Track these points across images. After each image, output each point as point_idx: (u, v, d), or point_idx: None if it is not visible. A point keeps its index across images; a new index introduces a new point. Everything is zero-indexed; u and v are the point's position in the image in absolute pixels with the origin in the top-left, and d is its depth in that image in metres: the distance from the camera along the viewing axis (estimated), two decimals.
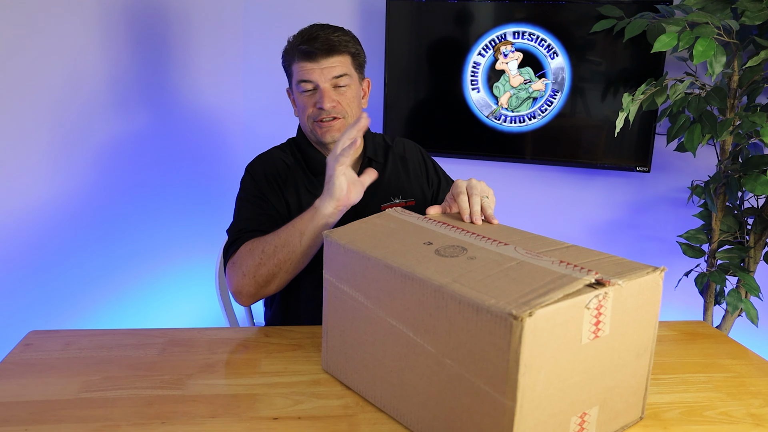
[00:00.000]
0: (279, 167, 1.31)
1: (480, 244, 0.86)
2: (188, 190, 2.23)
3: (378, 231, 0.93)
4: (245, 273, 1.14)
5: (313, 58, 1.22)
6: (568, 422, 0.75)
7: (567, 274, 0.74)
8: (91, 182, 1.79)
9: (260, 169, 1.31)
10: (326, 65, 1.23)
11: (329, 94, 1.24)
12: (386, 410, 0.87)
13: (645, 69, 2.01)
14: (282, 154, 1.35)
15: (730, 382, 0.99)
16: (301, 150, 1.34)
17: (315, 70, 1.23)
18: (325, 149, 1.32)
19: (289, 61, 1.28)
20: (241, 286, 1.15)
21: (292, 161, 1.33)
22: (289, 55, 1.27)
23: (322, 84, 1.24)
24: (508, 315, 0.66)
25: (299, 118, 1.32)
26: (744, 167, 1.66)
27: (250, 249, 1.15)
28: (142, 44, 1.95)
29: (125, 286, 1.97)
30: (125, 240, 1.95)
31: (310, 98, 1.26)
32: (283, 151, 1.35)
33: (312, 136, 1.31)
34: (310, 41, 1.22)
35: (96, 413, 0.85)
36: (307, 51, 1.22)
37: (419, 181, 1.41)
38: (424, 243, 0.87)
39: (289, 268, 1.12)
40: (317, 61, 1.23)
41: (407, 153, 1.43)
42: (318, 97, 1.24)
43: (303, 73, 1.24)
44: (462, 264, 0.79)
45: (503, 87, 2.15)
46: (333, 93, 1.25)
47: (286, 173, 1.30)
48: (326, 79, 1.24)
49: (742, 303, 1.79)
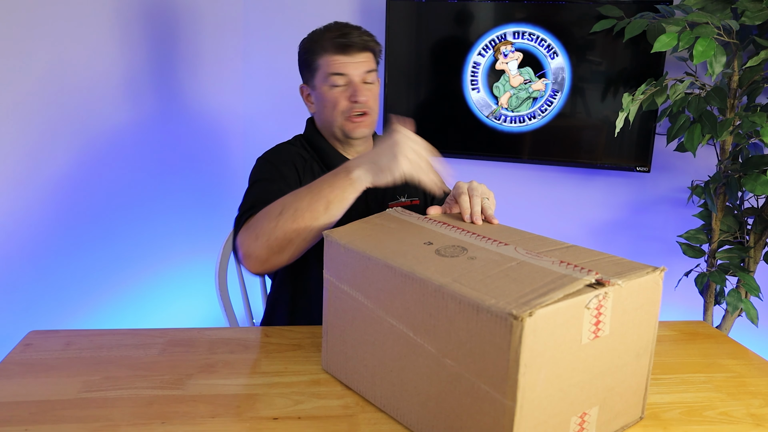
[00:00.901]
0: (296, 158, 1.30)
1: (480, 244, 0.86)
2: (188, 190, 2.23)
3: (378, 231, 0.93)
4: (258, 235, 1.03)
5: (348, 51, 1.24)
6: (568, 422, 0.75)
7: (567, 274, 0.74)
8: (92, 182, 1.79)
9: (277, 157, 1.28)
10: (360, 60, 1.25)
11: (362, 89, 1.26)
12: (386, 410, 0.87)
13: (645, 69, 2.01)
14: (294, 148, 1.33)
15: (730, 382, 0.99)
16: (314, 146, 1.33)
17: (350, 64, 1.24)
18: (344, 145, 1.32)
19: (317, 53, 1.26)
20: (252, 249, 1.04)
21: (306, 154, 1.32)
22: (317, 48, 1.26)
23: (355, 78, 1.25)
24: (508, 315, 0.66)
25: (322, 113, 1.30)
26: (744, 167, 1.66)
27: (267, 211, 1.04)
28: (142, 44, 1.95)
29: (125, 286, 1.97)
30: (125, 240, 1.95)
31: (342, 93, 1.26)
32: (294, 146, 1.34)
33: (338, 132, 1.29)
34: (345, 35, 1.23)
35: (96, 413, 0.85)
36: (344, 44, 1.23)
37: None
38: (424, 243, 0.87)
39: (308, 237, 1.01)
40: (352, 55, 1.24)
41: None
42: (351, 91, 1.25)
43: (336, 66, 1.24)
44: (462, 264, 0.79)
45: (503, 87, 2.15)
46: (364, 88, 1.26)
47: (303, 164, 1.30)
48: (359, 74, 1.25)
49: (742, 303, 1.79)
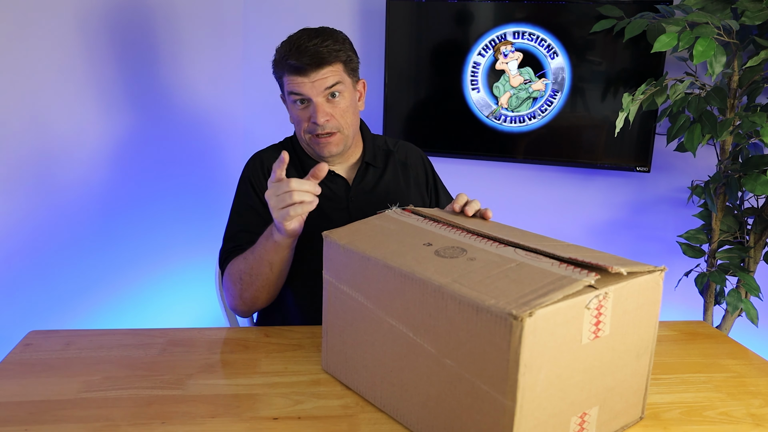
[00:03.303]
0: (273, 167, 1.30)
1: (480, 245, 0.86)
2: (188, 191, 2.23)
3: (377, 232, 0.93)
4: (234, 296, 1.21)
5: (303, 72, 1.18)
6: (568, 422, 0.75)
7: (567, 275, 0.74)
8: (92, 182, 1.79)
9: (252, 173, 1.30)
10: (317, 78, 1.18)
11: (322, 108, 1.20)
12: (386, 410, 0.87)
13: (645, 69, 2.01)
14: (277, 152, 1.32)
15: (730, 382, 0.99)
16: (297, 153, 1.33)
17: (306, 84, 1.19)
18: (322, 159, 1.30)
19: (279, 73, 1.24)
20: (234, 306, 1.24)
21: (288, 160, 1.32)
22: (279, 68, 1.23)
23: (314, 98, 1.20)
24: (508, 315, 0.66)
25: (295, 128, 1.30)
26: (744, 167, 1.66)
27: (231, 274, 1.20)
28: (142, 45, 1.95)
29: (125, 286, 1.97)
30: (125, 240, 1.95)
31: (303, 112, 1.23)
32: (278, 149, 1.34)
33: (309, 149, 1.29)
34: (298, 55, 1.17)
35: (96, 413, 0.85)
36: (295, 66, 1.18)
37: (419, 189, 1.39)
38: (423, 244, 0.87)
39: (270, 290, 1.19)
40: (307, 75, 1.18)
41: (409, 159, 1.41)
42: (311, 111, 1.21)
43: (293, 86, 1.20)
44: (462, 265, 0.79)
45: (503, 87, 2.15)
46: (326, 106, 1.21)
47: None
48: (318, 92, 1.19)
49: (742, 303, 1.79)
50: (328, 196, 1.28)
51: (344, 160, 1.33)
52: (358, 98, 1.31)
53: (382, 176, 1.34)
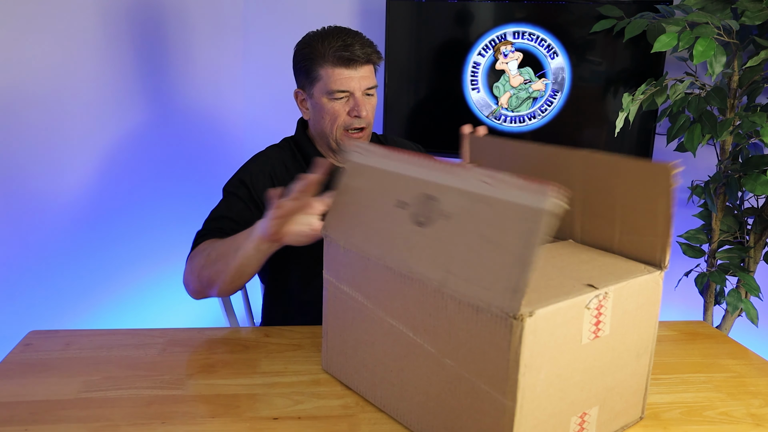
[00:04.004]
0: (277, 167, 1.29)
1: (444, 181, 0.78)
2: (188, 191, 2.23)
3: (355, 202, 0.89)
4: (191, 270, 1.15)
5: (353, 65, 1.21)
6: (568, 422, 0.75)
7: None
8: (91, 182, 1.79)
9: (254, 168, 1.29)
10: (363, 74, 1.23)
11: (365, 103, 1.24)
12: (386, 410, 0.87)
13: (645, 69, 2.01)
14: (280, 152, 1.33)
15: (730, 382, 0.99)
16: (302, 150, 1.32)
17: (354, 78, 1.21)
18: (334, 155, 1.30)
19: (317, 62, 1.22)
20: (187, 281, 1.17)
21: (291, 162, 1.31)
22: (318, 57, 1.22)
23: (357, 93, 1.23)
24: (508, 315, 0.66)
25: (318, 123, 1.27)
26: (744, 167, 1.66)
27: (202, 249, 1.14)
28: (142, 45, 1.95)
29: (125, 286, 1.97)
30: (125, 240, 1.95)
31: (343, 105, 1.24)
32: (281, 150, 1.34)
33: (333, 143, 1.28)
34: (350, 48, 1.20)
35: (96, 413, 0.85)
36: (349, 58, 1.20)
37: None
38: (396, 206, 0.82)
39: (226, 279, 1.08)
40: (356, 69, 1.21)
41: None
42: (353, 105, 1.23)
43: (340, 81, 1.21)
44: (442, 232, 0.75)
45: (503, 87, 2.15)
46: (365, 102, 1.25)
47: (284, 172, 1.29)
48: (361, 88, 1.23)
49: (742, 303, 1.79)
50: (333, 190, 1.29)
51: None
52: None
53: None
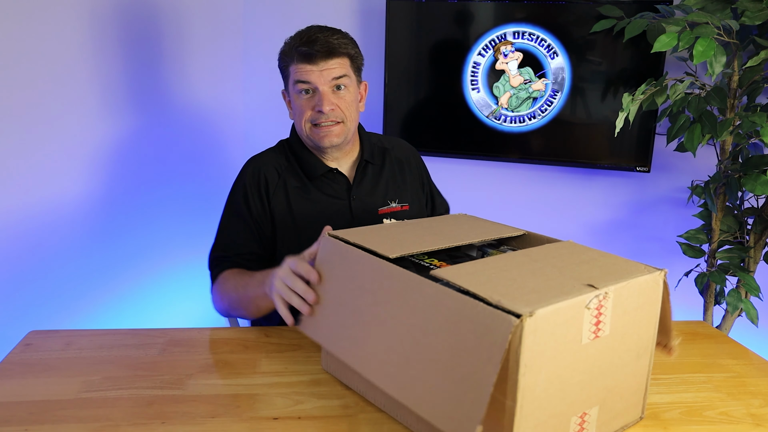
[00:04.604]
0: (269, 174, 1.30)
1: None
2: (188, 191, 2.23)
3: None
4: (222, 309, 1.25)
5: (312, 60, 1.21)
6: (568, 422, 0.75)
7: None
8: (91, 182, 1.79)
9: (248, 179, 1.30)
10: (325, 67, 1.21)
11: (328, 97, 1.22)
12: (386, 410, 0.87)
13: (645, 69, 2.01)
14: (274, 157, 1.33)
15: (730, 382, 0.99)
16: (295, 153, 1.32)
17: (314, 72, 1.21)
18: (321, 153, 1.31)
19: (287, 62, 1.26)
20: (219, 309, 1.26)
21: (285, 165, 1.31)
22: (287, 57, 1.25)
23: (321, 87, 1.22)
24: (508, 315, 0.66)
25: (295, 121, 1.30)
26: (744, 167, 1.66)
27: (223, 291, 1.21)
28: (142, 45, 1.95)
29: (125, 286, 1.97)
30: (125, 240, 1.95)
31: (308, 101, 1.24)
32: (276, 154, 1.34)
33: (309, 141, 1.29)
34: (309, 43, 1.20)
35: (96, 413, 0.85)
36: (306, 53, 1.20)
37: (414, 186, 1.41)
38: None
39: (252, 316, 1.19)
40: (316, 63, 1.21)
41: (404, 156, 1.43)
42: (317, 100, 1.22)
43: (301, 74, 1.22)
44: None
45: (503, 87, 2.15)
46: (332, 96, 1.23)
47: (276, 179, 1.29)
48: (325, 82, 1.22)
49: (742, 303, 1.79)
50: (331, 194, 1.30)
51: (345, 158, 1.34)
52: (359, 99, 1.32)
53: (380, 173, 1.36)
